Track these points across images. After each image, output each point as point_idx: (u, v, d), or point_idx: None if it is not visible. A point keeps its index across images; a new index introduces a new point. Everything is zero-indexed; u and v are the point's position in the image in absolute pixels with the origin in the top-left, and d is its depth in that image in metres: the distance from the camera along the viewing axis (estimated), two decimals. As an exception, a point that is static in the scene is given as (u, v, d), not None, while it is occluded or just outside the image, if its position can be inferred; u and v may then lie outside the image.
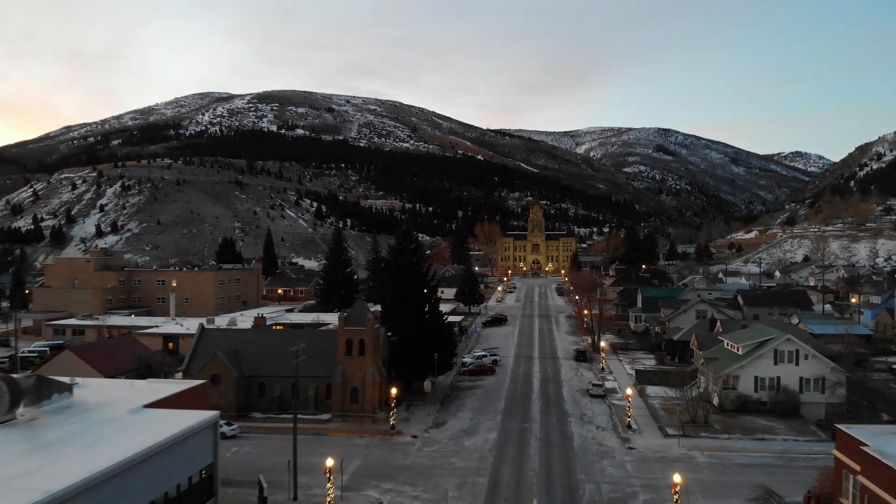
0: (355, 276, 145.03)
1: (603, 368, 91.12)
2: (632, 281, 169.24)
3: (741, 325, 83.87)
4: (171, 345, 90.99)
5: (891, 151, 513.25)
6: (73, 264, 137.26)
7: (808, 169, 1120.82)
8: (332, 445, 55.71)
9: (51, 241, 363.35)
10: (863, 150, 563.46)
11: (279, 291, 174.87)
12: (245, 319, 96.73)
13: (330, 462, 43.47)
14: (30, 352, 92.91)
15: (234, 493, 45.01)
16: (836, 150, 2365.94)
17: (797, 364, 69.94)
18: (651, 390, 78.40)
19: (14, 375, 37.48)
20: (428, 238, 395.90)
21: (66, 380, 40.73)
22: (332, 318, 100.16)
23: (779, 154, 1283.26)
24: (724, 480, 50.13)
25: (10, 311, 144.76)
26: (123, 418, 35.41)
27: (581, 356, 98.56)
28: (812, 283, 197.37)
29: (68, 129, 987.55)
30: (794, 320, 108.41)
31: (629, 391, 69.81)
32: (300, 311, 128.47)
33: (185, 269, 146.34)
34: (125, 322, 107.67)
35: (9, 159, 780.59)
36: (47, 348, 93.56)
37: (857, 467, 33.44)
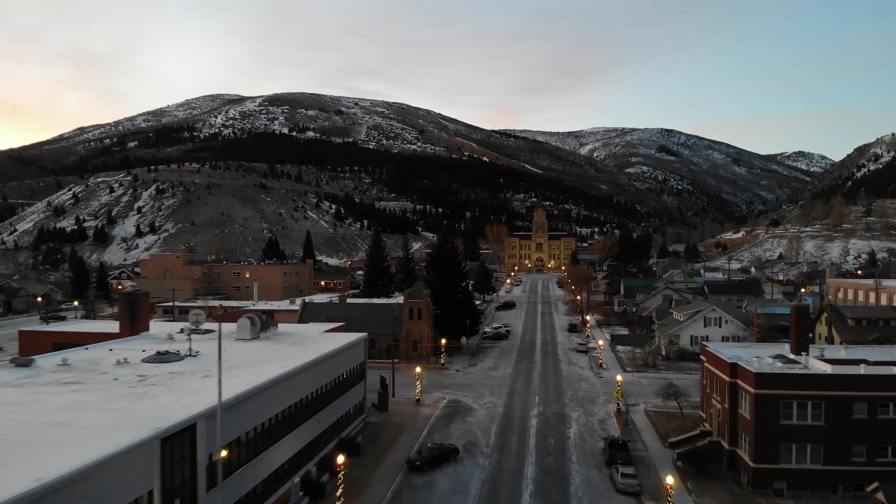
0: (390, 269, 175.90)
1: (588, 335, 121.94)
2: (620, 275, 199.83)
3: (686, 303, 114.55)
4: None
5: (888, 153, 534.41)
6: (165, 260, 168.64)
7: (811, 169, 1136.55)
8: (406, 374, 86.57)
9: (94, 241, 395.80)
10: (861, 151, 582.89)
11: (321, 283, 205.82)
12: (318, 301, 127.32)
13: (418, 370, 74.54)
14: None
15: (358, 391, 75.68)
16: (839, 151, 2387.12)
17: (720, 326, 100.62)
18: (620, 348, 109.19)
19: (259, 315, 68.53)
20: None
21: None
22: (379, 301, 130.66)
23: (781, 154, 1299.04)
24: (653, 390, 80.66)
25: (93, 300, 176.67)
26: (319, 336, 66.47)
27: (573, 328, 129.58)
28: (780, 278, 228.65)
29: (81, 130, 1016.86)
30: (745, 303, 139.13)
31: (601, 342, 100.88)
32: (350, 297, 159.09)
33: (255, 264, 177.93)
34: (222, 303, 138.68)
35: (28, 160, 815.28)
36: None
37: (705, 359, 64.09)
